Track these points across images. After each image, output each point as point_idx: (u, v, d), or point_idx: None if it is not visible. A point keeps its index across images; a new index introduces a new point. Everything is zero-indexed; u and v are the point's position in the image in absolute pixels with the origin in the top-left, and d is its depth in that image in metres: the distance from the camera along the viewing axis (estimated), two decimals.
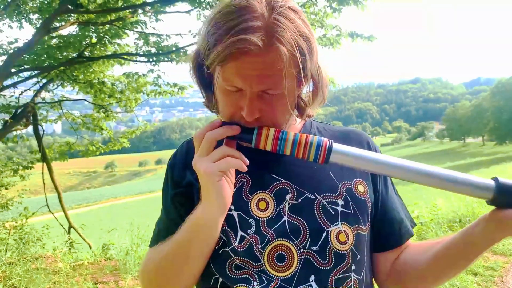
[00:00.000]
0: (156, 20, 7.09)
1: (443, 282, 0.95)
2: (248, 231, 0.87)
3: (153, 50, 7.46)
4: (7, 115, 7.11)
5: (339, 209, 0.90)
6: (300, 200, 0.90)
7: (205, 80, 0.91)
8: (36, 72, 7.32)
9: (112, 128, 9.49)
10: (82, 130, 8.95)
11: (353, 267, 0.89)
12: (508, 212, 0.79)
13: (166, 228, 0.96)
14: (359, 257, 0.90)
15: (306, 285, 0.84)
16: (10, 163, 8.14)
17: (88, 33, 7.20)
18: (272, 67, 0.77)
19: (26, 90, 7.99)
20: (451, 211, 6.70)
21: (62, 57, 7.24)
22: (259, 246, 0.86)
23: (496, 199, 0.79)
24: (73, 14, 6.77)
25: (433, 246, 0.94)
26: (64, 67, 7.16)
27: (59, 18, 6.49)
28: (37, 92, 7.85)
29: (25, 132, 8.34)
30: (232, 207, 0.88)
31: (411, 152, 74.83)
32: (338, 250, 0.87)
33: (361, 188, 0.96)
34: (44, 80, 7.85)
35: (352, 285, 0.88)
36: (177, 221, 0.92)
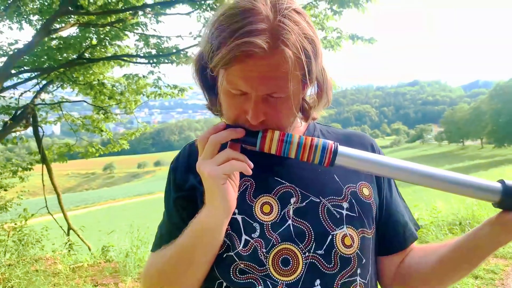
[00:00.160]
0: (157, 22, 7.10)
1: (447, 286, 0.95)
2: (252, 235, 0.86)
3: (154, 51, 7.46)
4: (7, 116, 7.10)
5: (344, 212, 0.89)
6: (304, 204, 0.89)
7: (208, 83, 0.90)
8: (36, 73, 7.31)
9: (111, 130, 9.47)
10: (82, 132, 8.94)
11: (358, 271, 0.88)
12: None
13: (169, 232, 0.95)
14: (364, 260, 0.90)
15: None
16: (9, 165, 8.12)
17: (88, 35, 7.20)
18: (277, 70, 0.76)
19: (26, 92, 7.97)
20: (451, 214, 6.69)
21: (62, 58, 7.24)
22: (263, 250, 0.85)
23: (503, 202, 0.79)
24: (73, 16, 6.77)
25: (438, 249, 0.93)
26: (64, 68, 7.16)
27: (59, 20, 6.49)
28: (37, 94, 7.83)
29: (24, 133, 8.33)
30: (236, 210, 0.87)
31: (409, 155, 74.85)
32: (344, 254, 0.86)
33: (366, 191, 0.95)
34: (44, 82, 7.85)
35: None
36: (180, 225, 0.91)
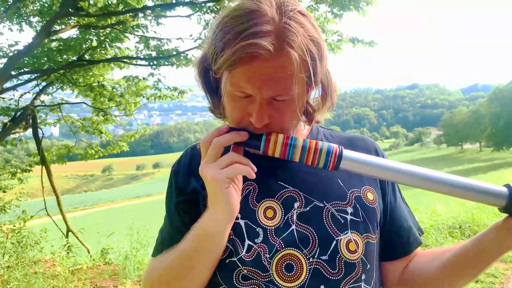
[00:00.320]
0: (158, 24, 7.10)
1: None
2: (255, 240, 0.85)
3: (154, 54, 7.46)
4: (6, 118, 7.09)
5: (349, 217, 0.88)
6: (308, 208, 0.88)
7: (211, 85, 0.89)
8: (36, 75, 7.30)
9: (110, 131, 9.46)
10: (81, 134, 8.92)
11: (363, 277, 0.87)
12: None
13: (170, 237, 0.94)
14: (369, 266, 0.88)
15: None
16: (8, 166, 8.10)
17: (88, 37, 7.20)
18: (282, 72, 0.75)
19: (25, 93, 7.96)
20: (451, 217, 6.67)
21: (62, 60, 7.23)
22: (267, 256, 0.83)
23: (509, 207, 0.78)
24: (73, 18, 6.77)
25: (443, 255, 0.92)
26: (64, 70, 7.15)
27: (59, 21, 6.49)
28: (37, 95, 7.82)
29: (23, 135, 8.30)
30: (239, 215, 0.86)
31: (408, 158, 74.92)
32: (348, 259, 0.85)
33: (370, 196, 0.94)
34: (43, 83, 7.84)
35: None
36: (182, 229, 0.90)
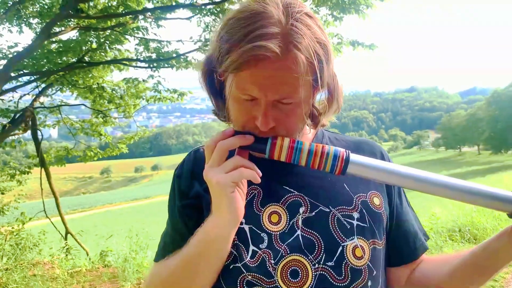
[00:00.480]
0: (158, 26, 7.10)
1: None
2: (260, 245, 0.84)
3: (154, 56, 7.45)
4: (6, 120, 7.07)
5: (355, 222, 0.87)
6: (314, 213, 0.86)
7: (215, 88, 0.88)
8: (35, 76, 7.28)
9: (108, 134, 9.43)
10: (80, 135, 8.90)
11: (369, 283, 0.86)
12: None
13: (173, 242, 0.93)
14: (375, 272, 0.87)
15: None
16: (7, 168, 8.08)
17: (88, 38, 7.19)
18: (288, 75, 0.74)
19: (25, 95, 7.94)
20: (450, 220, 6.67)
21: (61, 62, 7.22)
22: (272, 262, 0.82)
23: None
24: (73, 19, 6.77)
25: (450, 260, 0.91)
26: (63, 72, 7.14)
27: (59, 23, 6.48)
28: (36, 97, 7.80)
29: (21, 136, 8.28)
30: (243, 220, 0.85)
31: (407, 161, 74.92)
32: (355, 265, 0.84)
33: (376, 201, 0.93)
34: (43, 85, 7.82)
35: None
36: (185, 234, 0.89)
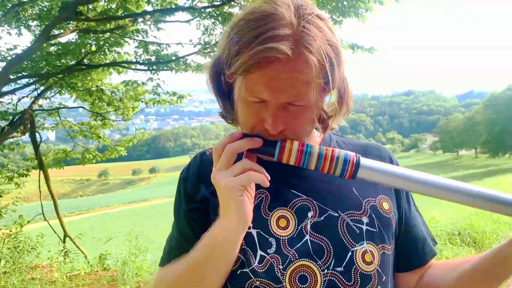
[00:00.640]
0: (158, 29, 7.10)
1: None
2: (268, 250, 0.83)
3: (153, 58, 7.46)
4: (4, 122, 7.03)
5: (364, 227, 0.86)
6: (322, 218, 0.85)
7: (222, 90, 0.88)
8: (34, 79, 7.27)
9: (106, 136, 9.43)
10: (79, 138, 8.88)
11: None
12: None
13: (179, 246, 0.92)
14: (384, 278, 0.86)
15: None
16: (5, 170, 8.04)
17: (87, 41, 7.18)
18: (299, 77, 0.74)
19: (23, 97, 7.92)
20: (449, 224, 6.66)
21: (61, 64, 7.21)
22: (280, 267, 0.81)
23: None
24: (72, 22, 6.76)
25: (459, 266, 0.90)
26: (62, 74, 7.13)
27: (58, 26, 6.47)
28: (35, 99, 7.78)
29: (19, 139, 8.25)
30: (251, 224, 0.83)
31: (404, 164, 74.76)
32: (364, 271, 0.83)
33: (385, 205, 0.92)
34: (42, 87, 7.80)
35: None
36: (191, 238, 0.88)
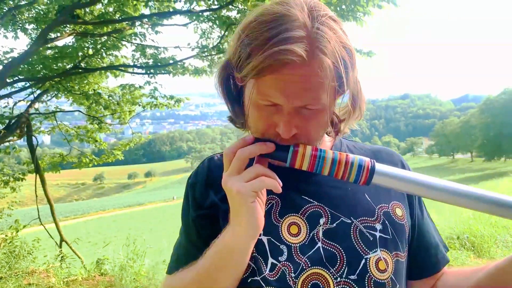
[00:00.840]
0: (156, 33, 7.08)
1: None
2: (279, 258, 0.81)
3: (150, 62, 7.43)
4: (0, 126, 6.98)
5: (378, 234, 0.85)
6: (335, 225, 0.84)
7: (232, 93, 0.86)
8: (31, 82, 7.23)
9: (102, 140, 9.38)
10: (74, 142, 8.83)
11: None
12: None
13: (187, 253, 0.90)
14: (398, 286, 0.85)
15: None
16: (0, 175, 7.97)
17: (84, 44, 7.16)
18: (314, 80, 0.72)
19: (20, 101, 7.87)
20: (447, 227, 6.65)
21: (57, 68, 7.18)
22: (292, 275, 0.79)
23: None
24: (70, 25, 6.73)
25: (474, 274, 0.89)
26: (59, 78, 7.09)
27: (55, 29, 6.44)
28: (31, 103, 7.74)
29: (15, 142, 8.18)
30: (261, 231, 0.81)
31: None
32: (378, 279, 0.81)
33: (399, 212, 0.90)
34: (38, 91, 7.76)
35: None
36: (200, 245, 0.86)
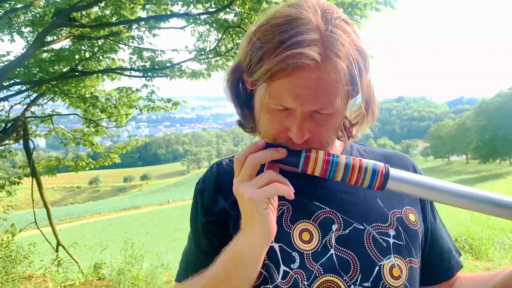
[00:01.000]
0: (154, 36, 7.07)
1: None
2: (291, 265, 0.80)
3: (148, 65, 7.42)
4: None
5: (391, 240, 0.83)
6: (347, 231, 0.83)
7: (241, 97, 0.84)
8: (27, 86, 7.20)
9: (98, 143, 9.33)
10: (70, 145, 8.78)
11: None
12: None
13: (197, 261, 0.89)
14: None
15: None
16: None
17: (81, 48, 7.13)
18: (327, 84, 0.70)
19: (16, 104, 7.82)
20: None
21: (54, 71, 7.14)
22: (305, 283, 0.78)
23: None
24: (66, 28, 6.71)
25: (490, 280, 0.88)
26: (56, 81, 7.06)
27: (52, 32, 6.42)
28: (28, 106, 7.69)
29: (10, 146, 8.12)
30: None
31: None
32: (392, 286, 0.80)
33: (412, 217, 0.89)
34: (34, 94, 7.73)
35: None
36: (210, 253, 0.85)
